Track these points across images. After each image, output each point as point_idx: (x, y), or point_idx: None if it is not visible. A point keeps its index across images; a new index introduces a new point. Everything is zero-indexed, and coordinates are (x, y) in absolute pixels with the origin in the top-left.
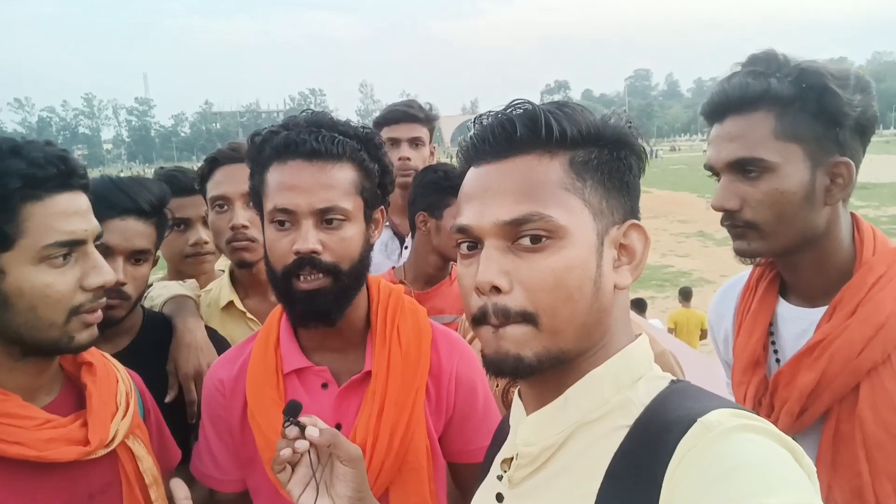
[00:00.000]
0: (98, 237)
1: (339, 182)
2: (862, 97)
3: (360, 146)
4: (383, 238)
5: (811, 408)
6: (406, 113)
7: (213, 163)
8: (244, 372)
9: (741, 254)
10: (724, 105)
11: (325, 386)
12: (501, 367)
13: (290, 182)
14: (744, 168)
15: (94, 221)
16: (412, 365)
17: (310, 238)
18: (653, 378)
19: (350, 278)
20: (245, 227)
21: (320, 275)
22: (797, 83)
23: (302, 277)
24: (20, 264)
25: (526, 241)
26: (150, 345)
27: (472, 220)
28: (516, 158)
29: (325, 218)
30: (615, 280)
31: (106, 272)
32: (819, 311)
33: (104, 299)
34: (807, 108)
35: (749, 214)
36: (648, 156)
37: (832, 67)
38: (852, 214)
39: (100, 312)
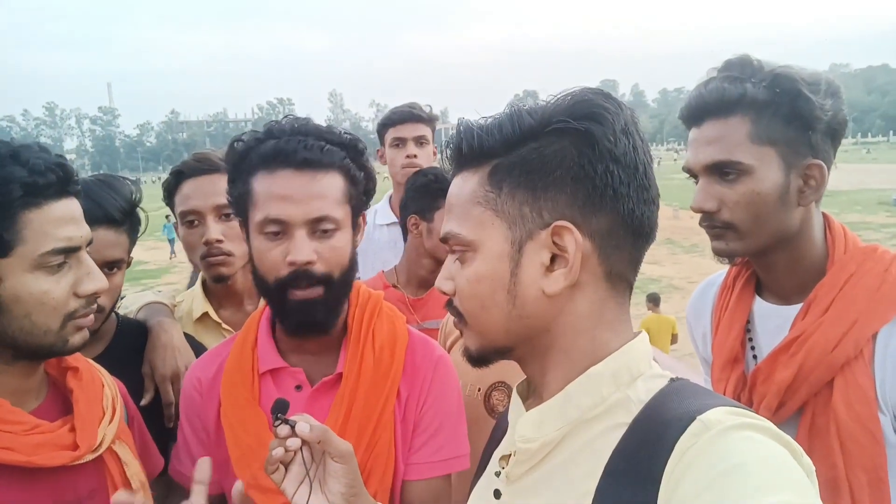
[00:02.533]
0: (90, 243)
1: (329, 191)
2: (833, 102)
3: (346, 153)
4: (392, 236)
5: (788, 402)
6: (410, 113)
7: (180, 176)
8: (221, 372)
9: (719, 253)
10: (701, 109)
11: (298, 388)
12: (463, 354)
13: (281, 192)
14: (721, 171)
15: (87, 228)
16: (384, 369)
17: (304, 249)
18: (652, 376)
19: (341, 286)
20: (219, 241)
21: (314, 285)
22: (771, 88)
23: (296, 288)
24: (17, 271)
25: (455, 254)
26: (124, 350)
27: None
28: (455, 177)
29: (319, 228)
30: (542, 286)
31: (98, 279)
32: (794, 309)
33: (96, 305)
34: (781, 112)
35: (727, 215)
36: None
37: (804, 73)
38: (824, 215)
39: (92, 316)
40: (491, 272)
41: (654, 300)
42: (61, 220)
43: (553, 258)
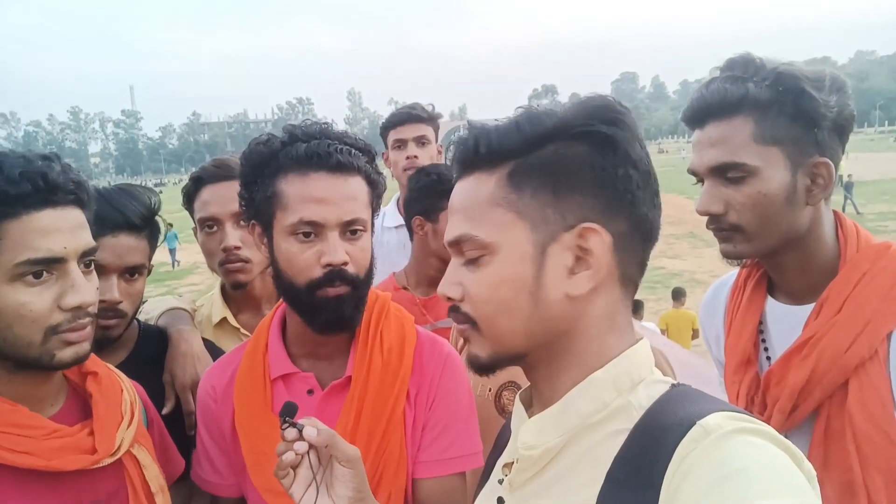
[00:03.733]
0: (87, 253)
1: (359, 194)
2: (838, 97)
3: (365, 158)
4: (401, 238)
5: (802, 405)
6: (410, 114)
7: (199, 182)
8: (235, 378)
9: (728, 256)
10: (703, 111)
11: (310, 392)
12: (469, 364)
13: (317, 195)
14: (726, 173)
15: (84, 238)
16: (392, 371)
17: (340, 250)
18: (653, 382)
19: (365, 285)
20: (237, 247)
21: (345, 285)
22: (774, 87)
23: (328, 288)
24: None
25: (468, 258)
26: (146, 358)
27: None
28: (464, 179)
29: (349, 229)
30: (566, 288)
31: (84, 292)
32: (807, 309)
33: (87, 319)
34: (784, 111)
35: (733, 217)
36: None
37: (808, 70)
38: (835, 212)
39: (87, 331)
40: (513, 275)
41: (677, 295)
42: (43, 230)
43: (575, 260)
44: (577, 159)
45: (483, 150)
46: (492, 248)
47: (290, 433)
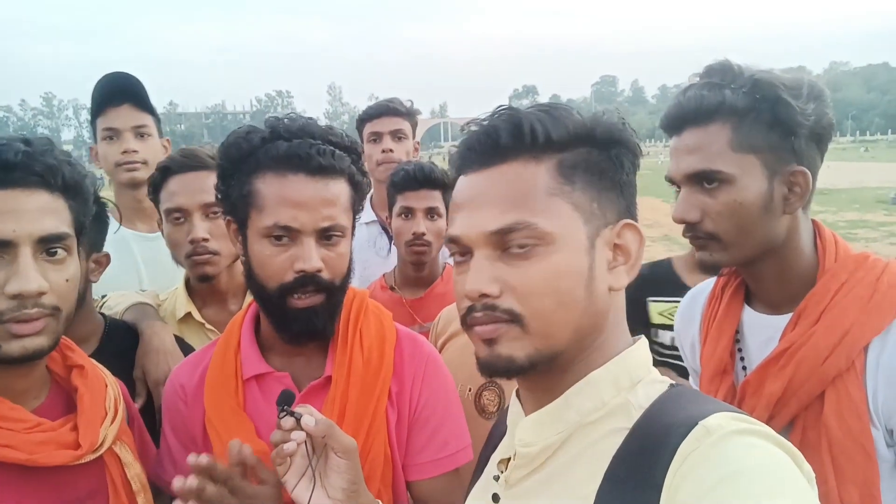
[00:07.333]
0: (48, 240)
1: (338, 199)
2: (816, 106)
3: (350, 159)
4: (371, 235)
5: (778, 415)
6: (387, 107)
7: (166, 171)
8: (205, 378)
9: (704, 264)
10: (680, 118)
11: None
12: (494, 368)
13: (294, 198)
14: (702, 180)
15: (44, 224)
16: (374, 370)
17: (314, 257)
18: (652, 381)
19: (340, 292)
20: (205, 239)
21: (318, 292)
22: (751, 94)
23: (298, 295)
24: None
25: (515, 249)
26: (113, 353)
27: (462, 230)
28: (502, 166)
29: (326, 235)
30: (609, 282)
31: (24, 280)
32: (784, 318)
33: (36, 310)
34: (761, 118)
35: (710, 226)
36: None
37: (785, 77)
38: (814, 222)
39: (38, 324)
40: (574, 266)
41: None
42: None
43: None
44: (614, 161)
45: (541, 138)
46: (549, 238)
47: (288, 422)
